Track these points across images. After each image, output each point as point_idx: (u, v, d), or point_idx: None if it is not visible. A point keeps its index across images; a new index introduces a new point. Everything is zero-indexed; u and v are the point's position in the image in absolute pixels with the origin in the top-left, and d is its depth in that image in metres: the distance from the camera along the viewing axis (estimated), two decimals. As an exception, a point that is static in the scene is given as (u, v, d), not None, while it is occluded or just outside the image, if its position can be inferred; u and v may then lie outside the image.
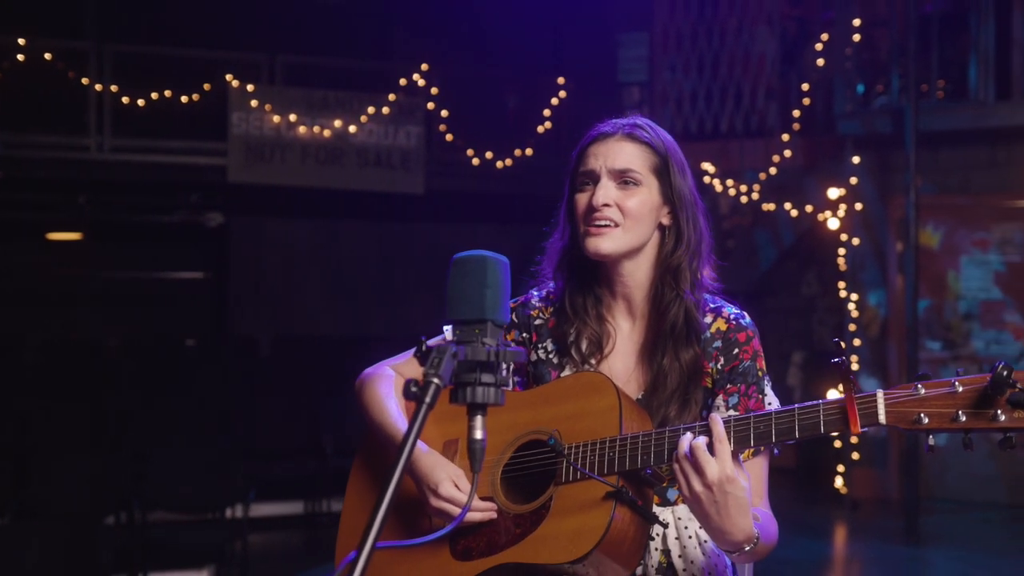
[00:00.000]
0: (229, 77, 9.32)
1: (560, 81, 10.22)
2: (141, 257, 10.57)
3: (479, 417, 1.43)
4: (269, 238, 10.75)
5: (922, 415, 1.58)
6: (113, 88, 9.25)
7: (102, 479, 5.97)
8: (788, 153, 8.85)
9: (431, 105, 9.82)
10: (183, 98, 9.34)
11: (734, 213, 9.33)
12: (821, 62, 8.75)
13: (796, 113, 8.96)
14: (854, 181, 8.24)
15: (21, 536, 4.48)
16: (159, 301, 10.53)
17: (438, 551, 1.85)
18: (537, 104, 10.19)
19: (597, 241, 1.89)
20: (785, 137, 8.89)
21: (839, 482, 8.13)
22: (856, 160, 8.20)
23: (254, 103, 9.36)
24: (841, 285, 8.46)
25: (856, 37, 8.33)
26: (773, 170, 8.84)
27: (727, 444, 1.65)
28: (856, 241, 8.37)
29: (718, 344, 1.91)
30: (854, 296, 8.33)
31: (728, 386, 1.89)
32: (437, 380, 1.33)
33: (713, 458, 1.64)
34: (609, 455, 1.75)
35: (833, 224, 8.45)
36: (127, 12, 9.92)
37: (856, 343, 8.26)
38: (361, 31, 10.98)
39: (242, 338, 10.09)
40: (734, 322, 1.92)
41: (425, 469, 1.84)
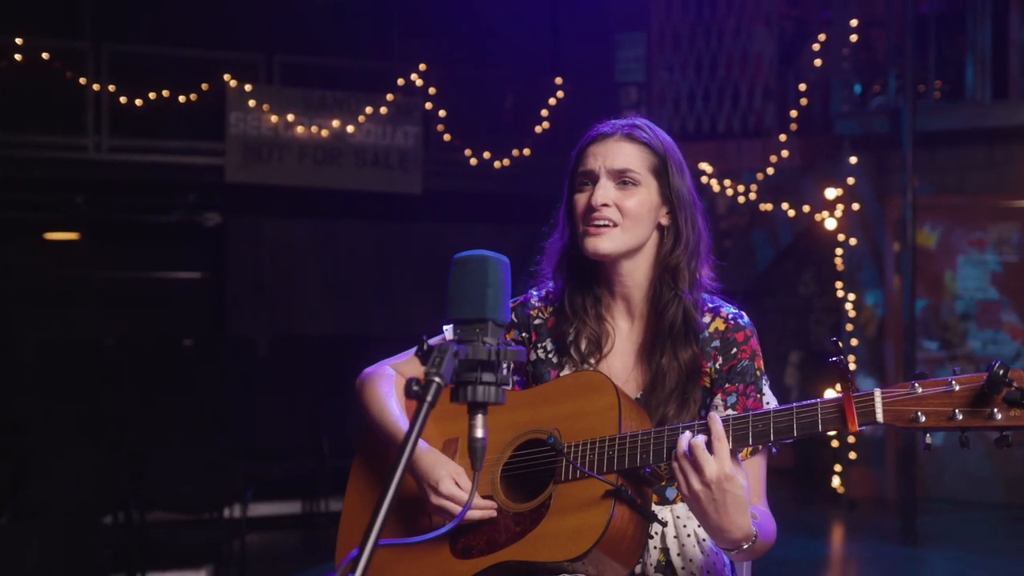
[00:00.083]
0: (227, 77, 9.30)
1: (558, 81, 10.21)
2: (139, 257, 10.55)
3: (480, 416, 1.44)
4: (267, 238, 10.74)
5: (919, 414, 1.59)
6: (111, 88, 9.24)
7: (100, 479, 5.97)
8: (785, 153, 8.85)
9: (429, 105, 9.81)
10: (181, 98, 9.33)
11: (731, 213, 9.33)
12: (818, 62, 8.75)
13: (793, 113, 8.96)
14: (851, 181, 8.24)
15: (20, 536, 4.48)
16: (157, 301, 10.52)
17: (438, 549, 1.86)
18: (535, 104, 10.18)
19: (596, 241, 1.90)
20: (782, 137, 8.90)
21: (836, 482, 8.14)
22: (853, 160, 8.20)
23: (252, 103, 9.35)
24: (838, 285, 8.47)
25: (853, 37, 8.34)
26: (770, 170, 8.84)
27: (726, 442, 1.66)
28: (853, 241, 8.37)
29: (716, 344, 1.92)
30: (851, 296, 8.33)
31: (726, 385, 1.90)
32: (439, 379, 1.34)
33: (712, 456, 1.65)
34: (608, 454, 1.76)
35: (830, 224, 8.46)
36: (125, 12, 9.90)
37: (853, 343, 8.27)
38: (359, 31, 10.97)
39: (240, 338, 10.08)
40: (732, 322, 1.93)
41: (426, 467, 1.85)
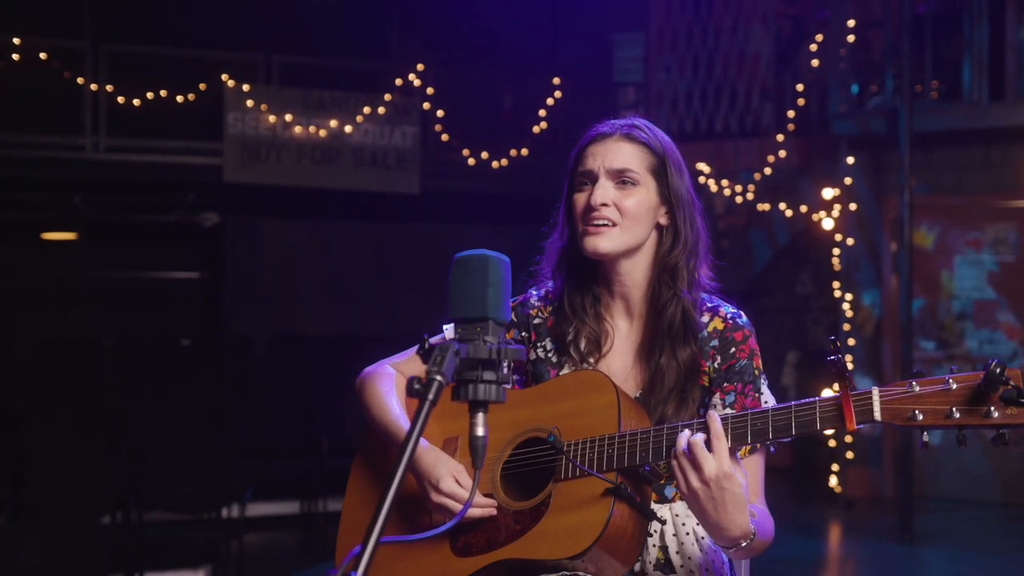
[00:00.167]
0: (225, 77, 9.30)
1: (556, 81, 10.22)
2: (137, 257, 10.54)
3: (481, 414, 1.45)
4: (265, 238, 10.74)
5: (917, 412, 1.60)
6: (109, 88, 9.24)
7: (99, 479, 5.96)
8: (783, 153, 8.86)
9: (427, 105, 9.82)
10: (179, 98, 9.33)
11: (729, 213, 9.33)
12: (816, 62, 8.75)
13: (791, 113, 8.97)
14: (848, 181, 8.25)
15: (18, 536, 4.47)
16: (155, 301, 10.51)
17: (438, 547, 1.86)
18: (533, 104, 10.18)
19: (595, 240, 1.90)
20: (780, 137, 8.90)
21: (834, 481, 8.15)
22: (850, 160, 8.21)
23: (250, 103, 9.35)
24: (835, 285, 8.48)
25: (851, 38, 8.35)
26: (768, 170, 8.85)
27: (724, 441, 1.67)
28: (850, 241, 8.39)
29: (715, 343, 1.92)
30: (848, 296, 8.35)
31: (725, 384, 1.90)
32: (440, 377, 1.34)
33: (711, 454, 1.66)
34: (608, 452, 1.76)
35: (828, 224, 8.47)
36: (123, 12, 9.89)
37: (850, 343, 8.28)
38: (357, 31, 10.97)
39: (238, 338, 10.06)
40: (731, 321, 1.94)
41: (427, 465, 1.85)
